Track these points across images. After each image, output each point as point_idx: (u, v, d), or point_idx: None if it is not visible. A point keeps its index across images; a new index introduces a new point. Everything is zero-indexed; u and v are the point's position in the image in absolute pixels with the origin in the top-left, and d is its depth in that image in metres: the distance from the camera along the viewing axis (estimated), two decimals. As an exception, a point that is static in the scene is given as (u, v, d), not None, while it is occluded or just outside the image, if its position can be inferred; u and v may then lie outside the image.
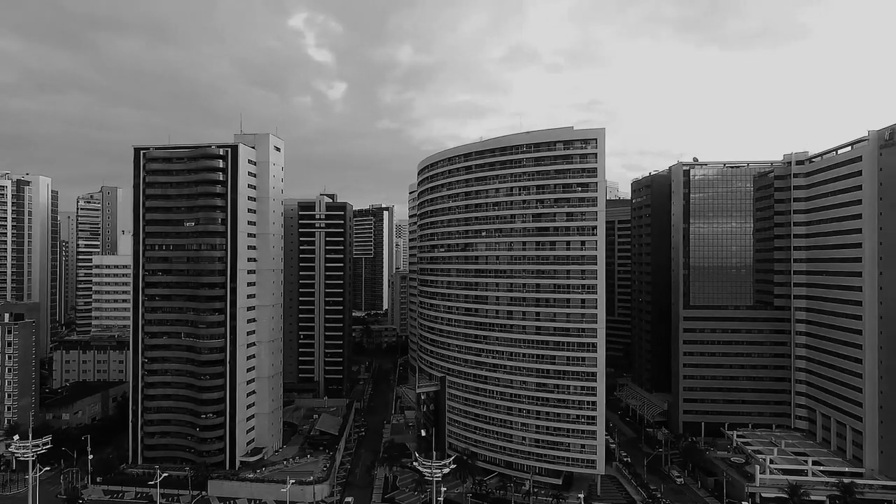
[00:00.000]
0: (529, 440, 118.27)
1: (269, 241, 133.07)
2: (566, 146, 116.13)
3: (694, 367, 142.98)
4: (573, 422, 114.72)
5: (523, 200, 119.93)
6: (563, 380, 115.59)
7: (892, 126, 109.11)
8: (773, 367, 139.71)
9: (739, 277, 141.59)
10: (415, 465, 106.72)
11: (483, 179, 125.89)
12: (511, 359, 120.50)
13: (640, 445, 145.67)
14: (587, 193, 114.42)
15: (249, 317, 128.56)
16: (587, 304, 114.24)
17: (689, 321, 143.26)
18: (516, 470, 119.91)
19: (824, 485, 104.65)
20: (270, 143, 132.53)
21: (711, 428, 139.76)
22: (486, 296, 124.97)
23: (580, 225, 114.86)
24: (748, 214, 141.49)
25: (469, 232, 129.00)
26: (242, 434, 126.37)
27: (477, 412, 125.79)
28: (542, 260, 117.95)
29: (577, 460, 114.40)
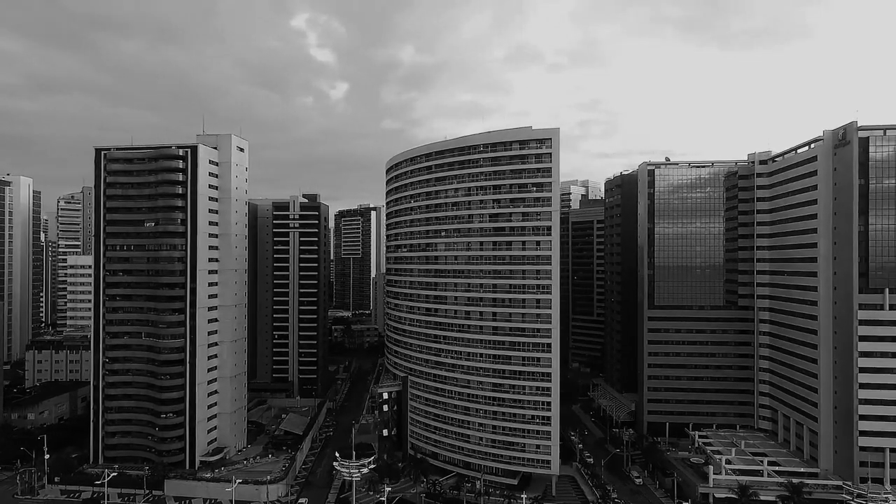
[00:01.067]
0: (486, 440, 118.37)
1: (232, 241, 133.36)
2: (521, 146, 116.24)
3: (658, 368, 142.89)
4: (528, 422, 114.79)
5: (480, 200, 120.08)
6: (519, 380, 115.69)
7: (845, 126, 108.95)
8: (737, 367, 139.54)
9: (704, 277, 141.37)
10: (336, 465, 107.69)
11: (443, 179, 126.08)
12: (468, 359, 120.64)
13: (606, 446, 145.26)
14: (542, 193, 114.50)
15: (211, 317, 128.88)
16: (542, 304, 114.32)
17: (654, 321, 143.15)
18: (474, 470, 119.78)
19: (776, 485, 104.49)
20: (233, 143, 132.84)
21: (677, 428, 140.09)
22: (445, 296, 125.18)
23: (535, 225, 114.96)
24: (713, 214, 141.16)
25: (429, 232, 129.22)
26: (203, 433, 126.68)
27: (437, 412, 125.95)
28: (498, 260, 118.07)
29: (532, 461, 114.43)
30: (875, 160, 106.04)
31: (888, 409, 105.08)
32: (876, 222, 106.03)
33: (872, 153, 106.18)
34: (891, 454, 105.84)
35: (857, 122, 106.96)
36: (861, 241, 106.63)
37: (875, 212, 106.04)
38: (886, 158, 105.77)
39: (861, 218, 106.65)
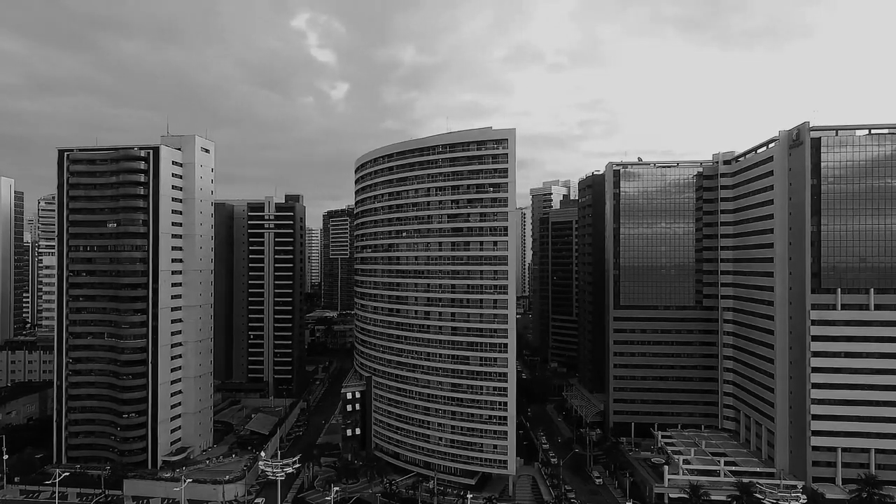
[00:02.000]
0: (445, 441, 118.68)
1: (196, 241, 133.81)
2: (479, 147, 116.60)
3: (624, 368, 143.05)
4: (485, 422, 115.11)
5: (439, 201, 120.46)
6: (476, 380, 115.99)
7: (799, 126, 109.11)
8: (702, 367, 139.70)
9: (669, 278, 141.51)
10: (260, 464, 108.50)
11: (404, 180, 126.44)
12: (428, 359, 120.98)
13: (573, 446, 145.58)
14: (499, 194, 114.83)
15: (174, 317, 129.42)
16: (498, 304, 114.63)
17: (619, 321, 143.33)
18: (434, 470, 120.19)
19: (729, 485, 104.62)
20: (197, 144, 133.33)
21: (643, 428, 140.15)
22: (406, 296, 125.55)
23: (492, 225, 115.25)
24: (678, 214, 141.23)
25: (392, 232, 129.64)
26: (166, 433, 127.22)
27: (398, 412, 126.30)
28: (456, 260, 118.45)
29: (489, 461, 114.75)
30: (827, 161, 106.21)
31: (840, 408, 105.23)
32: (828, 223, 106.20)
33: (825, 154, 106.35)
34: (843, 454, 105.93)
35: (809, 123, 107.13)
36: (814, 242, 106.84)
37: (828, 212, 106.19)
38: (838, 159, 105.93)
39: (814, 218, 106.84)
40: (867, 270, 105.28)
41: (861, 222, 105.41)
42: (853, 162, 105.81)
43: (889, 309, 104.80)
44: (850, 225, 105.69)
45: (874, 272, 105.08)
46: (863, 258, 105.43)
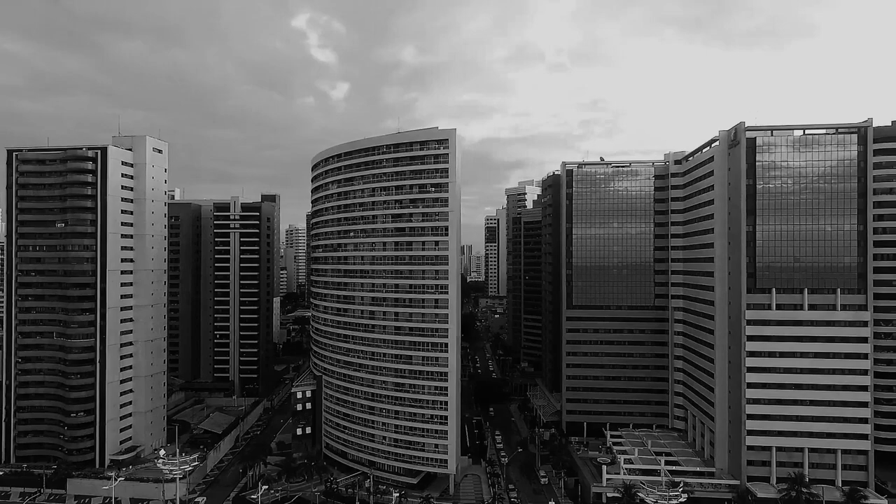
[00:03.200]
0: (389, 440, 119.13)
1: (148, 241, 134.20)
2: (422, 147, 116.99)
3: (577, 368, 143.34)
4: (427, 422, 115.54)
5: (384, 201, 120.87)
6: (418, 380, 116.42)
7: (736, 126, 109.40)
8: (654, 367, 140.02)
9: (622, 277, 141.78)
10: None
11: (351, 180, 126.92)
12: (373, 359, 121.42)
13: (529, 446, 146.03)
14: (440, 194, 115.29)
15: (124, 317, 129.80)
16: (440, 304, 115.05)
17: (572, 321, 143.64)
18: (379, 469, 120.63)
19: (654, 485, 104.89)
20: (148, 144, 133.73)
21: (596, 428, 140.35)
22: (353, 296, 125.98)
23: (434, 225, 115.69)
24: (631, 214, 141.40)
25: (341, 232, 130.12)
26: (115, 432, 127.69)
27: (345, 411, 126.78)
28: (399, 260, 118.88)
29: (430, 460, 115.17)
30: (762, 161, 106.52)
31: (774, 408, 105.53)
32: (763, 223, 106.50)
33: (760, 154, 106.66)
34: (778, 453, 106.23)
35: (745, 123, 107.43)
36: (749, 242, 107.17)
37: (762, 212, 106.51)
38: (773, 159, 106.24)
39: (749, 218, 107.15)
40: (801, 270, 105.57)
41: (795, 222, 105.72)
42: (787, 162, 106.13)
43: (823, 309, 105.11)
44: (784, 225, 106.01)
45: (808, 272, 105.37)
46: (797, 258, 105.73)
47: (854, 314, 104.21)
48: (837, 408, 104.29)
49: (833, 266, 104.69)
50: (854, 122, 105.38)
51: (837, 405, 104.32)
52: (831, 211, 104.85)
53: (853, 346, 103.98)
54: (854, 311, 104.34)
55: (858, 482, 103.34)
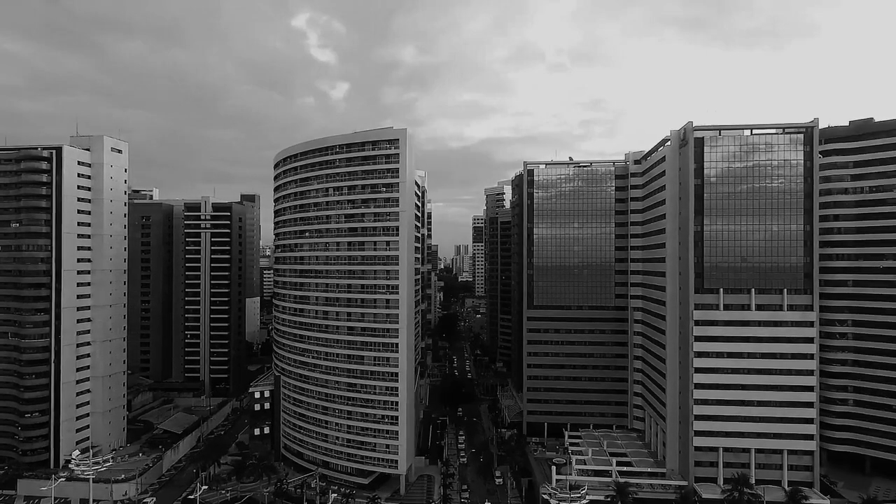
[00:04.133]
0: (342, 440, 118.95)
1: (106, 241, 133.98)
2: (373, 147, 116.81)
3: (538, 368, 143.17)
4: (378, 422, 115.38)
5: (337, 201, 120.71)
6: (370, 380, 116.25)
7: (685, 125, 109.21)
8: (614, 367, 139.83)
9: (582, 277, 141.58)
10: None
11: (307, 180, 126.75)
12: (326, 359, 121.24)
13: (490, 447, 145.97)
14: (391, 194, 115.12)
15: (81, 316, 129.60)
16: (391, 304, 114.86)
17: (533, 321, 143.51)
18: (332, 469, 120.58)
19: (604, 485, 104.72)
20: (105, 144, 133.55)
21: (558, 428, 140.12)
22: (308, 296, 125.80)
23: (385, 225, 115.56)
24: (591, 214, 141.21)
25: (297, 232, 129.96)
26: (71, 433, 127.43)
27: (301, 411, 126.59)
28: (352, 260, 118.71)
29: (381, 460, 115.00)
30: (710, 161, 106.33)
31: (722, 408, 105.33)
32: (711, 223, 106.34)
33: (707, 154, 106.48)
34: (725, 453, 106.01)
35: (692, 123, 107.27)
36: (697, 242, 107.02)
37: (710, 212, 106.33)
38: (720, 159, 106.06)
39: (697, 218, 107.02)
40: (748, 271, 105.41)
41: (742, 222, 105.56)
42: (735, 162, 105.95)
43: (770, 309, 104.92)
44: (731, 225, 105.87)
45: (755, 272, 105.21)
46: (744, 258, 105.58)
47: (800, 314, 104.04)
48: (784, 408, 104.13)
49: (780, 266, 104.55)
50: (801, 123, 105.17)
51: (784, 406, 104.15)
52: (778, 211, 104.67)
53: (799, 347, 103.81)
54: (801, 312, 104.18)
55: (804, 482, 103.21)
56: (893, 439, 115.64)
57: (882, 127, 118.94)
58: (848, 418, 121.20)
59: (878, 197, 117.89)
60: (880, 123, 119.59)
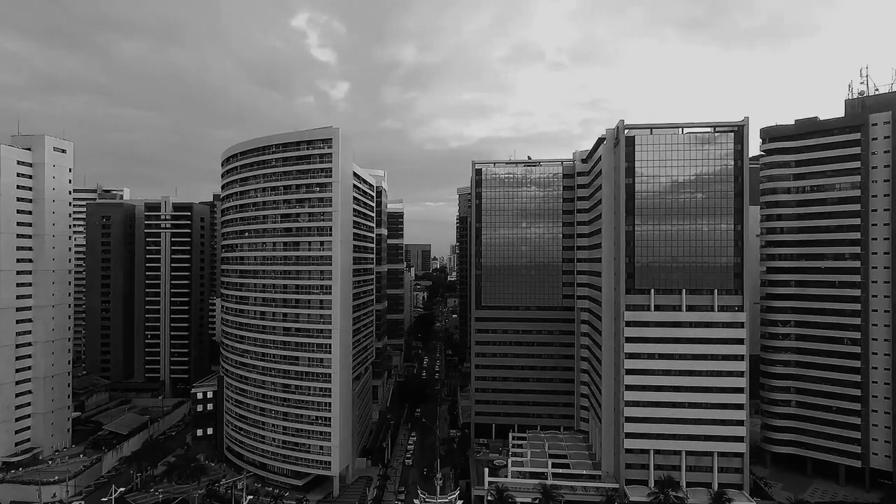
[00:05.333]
0: (278, 441, 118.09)
1: (48, 241, 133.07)
2: (308, 146, 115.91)
3: (486, 369, 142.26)
4: (311, 423, 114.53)
5: (273, 201, 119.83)
6: (304, 381, 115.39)
7: (618, 124, 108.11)
8: (562, 368, 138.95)
9: (530, 278, 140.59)
10: None
11: (246, 180, 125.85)
12: (263, 359, 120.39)
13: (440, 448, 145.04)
14: (325, 194, 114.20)
15: (21, 317, 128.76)
16: (324, 305, 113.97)
17: (481, 322, 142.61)
18: (268, 471, 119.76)
19: (531, 488, 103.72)
20: (47, 144, 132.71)
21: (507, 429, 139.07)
22: (248, 296, 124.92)
23: (319, 225, 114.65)
24: (539, 214, 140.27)
25: (237, 232, 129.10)
26: (9, 434, 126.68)
27: (240, 412, 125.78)
28: (287, 261, 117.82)
29: (315, 462, 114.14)
30: (640, 160, 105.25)
31: (652, 410, 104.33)
32: (642, 222, 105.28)
33: (638, 153, 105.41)
34: (656, 455, 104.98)
35: (624, 121, 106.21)
36: (629, 242, 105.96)
37: (641, 211, 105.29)
38: (652, 158, 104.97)
39: (628, 218, 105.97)
40: (679, 271, 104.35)
41: (673, 222, 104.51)
42: (666, 161, 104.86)
43: (700, 310, 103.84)
44: (662, 225, 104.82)
45: (686, 272, 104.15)
46: (675, 258, 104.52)
47: (731, 315, 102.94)
48: (714, 410, 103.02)
49: (710, 266, 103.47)
50: (732, 121, 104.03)
51: (715, 407, 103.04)
52: (708, 210, 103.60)
53: (730, 348, 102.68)
54: (731, 313, 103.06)
55: (734, 484, 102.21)
56: (832, 441, 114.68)
57: (824, 126, 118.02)
58: (791, 419, 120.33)
59: (818, 196, 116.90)
60: (823, 122, 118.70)
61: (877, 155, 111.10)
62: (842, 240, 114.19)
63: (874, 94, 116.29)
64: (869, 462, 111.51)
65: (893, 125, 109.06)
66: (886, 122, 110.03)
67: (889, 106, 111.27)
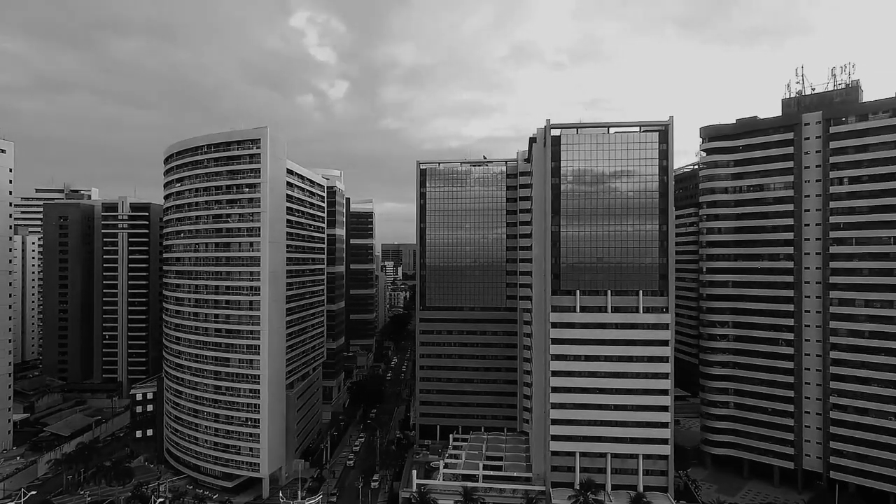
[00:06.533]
0: (210, 443, 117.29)
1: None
2: (238, 147, 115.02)
3: (430, 370, 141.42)
4: (242, 424, 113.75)
5: (205, 201, 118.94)
6: (234, 382, 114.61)
7: (545, 124, 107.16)
8: (505, 369, 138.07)
9: (474, 279, 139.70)
10: None
11: (181, 180, 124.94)
12: (196, 360, 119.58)
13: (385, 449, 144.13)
14: (253, 195, 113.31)
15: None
16: (253, 305, 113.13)
17: (425, 322, 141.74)
18: (202, 473, 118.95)
19: (453, 491, 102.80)
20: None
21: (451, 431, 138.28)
22: (184, 297, 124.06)
23: (248, 226, 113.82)
24: (483, 214, 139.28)
25: (175, 233, 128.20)
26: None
27: (176, 414, 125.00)
28: (218, 262, 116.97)
29: (244, 463, 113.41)
30: (566, 159, 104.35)
31: (578, 412, 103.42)
32: (567, 223, 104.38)
33: (564, 153, 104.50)
34: (582, 458, 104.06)
35: (550, 120, 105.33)
36: (554, 242, 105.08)
37: (566, 212, 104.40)
38: (577, 158, 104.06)
39: (554, 218, 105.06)
40: (605, 272, 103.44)
41: (598, 222, 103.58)
42: (592, 161, 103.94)
43: (626, 311, 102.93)
44: (588, 225, 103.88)
45: (611, 273, 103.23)
46: (601, 259, 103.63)
47: (656, 316, 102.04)
48: (640, 412, 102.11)
49: (635, 267, 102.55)
50: (658, 121, 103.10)
51: (640, 410, 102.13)
52: (633, 211, 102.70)
53: (655, 350, 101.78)
54: (656, 314, 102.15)
55: (659, 487, 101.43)
56: (767, 442, 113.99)
57: (760, 125, 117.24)
58: (729, 421, 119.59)
59: (754, 197, 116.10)
60: (759, 121, 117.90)
61: (809, 155, 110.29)
62: (776, 240, 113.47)
63: (809, 93, 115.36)
64: (801, 463, 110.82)
65: (824, 125, 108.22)
66: (818, 122, 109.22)
67: (821, 106, 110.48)
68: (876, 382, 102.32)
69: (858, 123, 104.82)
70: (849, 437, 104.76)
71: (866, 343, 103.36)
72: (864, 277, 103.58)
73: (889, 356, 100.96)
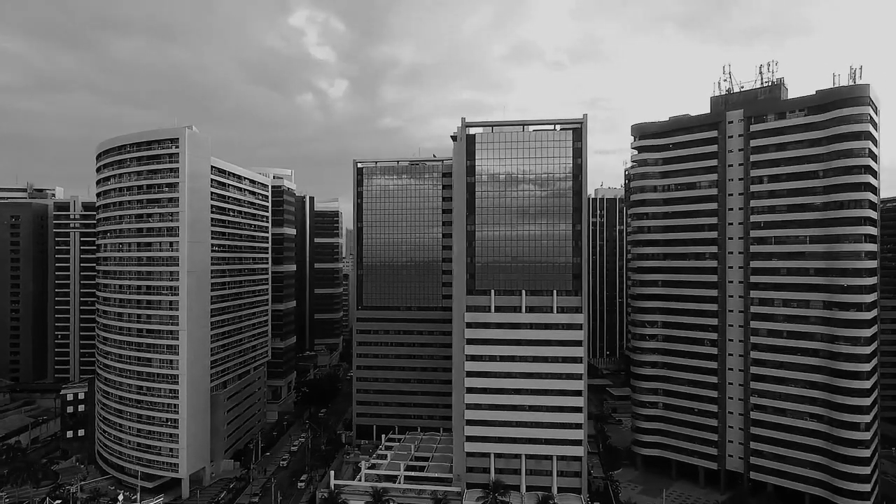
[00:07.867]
0: (132, 443, 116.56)
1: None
2: (158, 146, 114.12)
3: (367, 370, 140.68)
4: (161, 424, 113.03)
5: (129, 201, 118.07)
6: (155, 382, 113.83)
7: (461, 123, 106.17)
8: (442, 369, 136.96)
9: (410, 278, 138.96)
10: None
11: (107, 179, 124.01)
12: (120, 360, 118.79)
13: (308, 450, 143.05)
14: (173, 194, 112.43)
15: None
16: (173, 305, 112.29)
17: (362, 322, 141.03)
18: (125, 473, 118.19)
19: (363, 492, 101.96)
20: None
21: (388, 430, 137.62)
22: (109, 297, 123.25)
23: (168, 226, 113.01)
24: (420, 214, 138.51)
25: (102, 232, 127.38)
26: None
27: (104, 414, 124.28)
28: (140, 262, 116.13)
29: (164, 464, 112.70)
30: (481, 158, 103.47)
31: (492, 413, 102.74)
32: (482, 222, 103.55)
33: (479, 151, 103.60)
34: (497, 459, 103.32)
35: (465, 119, 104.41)
36: (470, 241, 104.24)
37: (481, 210, 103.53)
38: (492, 156, 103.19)
39: (469, 217, 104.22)
40: (519, 271, 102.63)
41: (513, 221, 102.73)
42: (506, 159, 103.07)
43: (540, 311, 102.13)
44: (502, 224, 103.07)
45: (526, 273, 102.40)
46: (515, 258, 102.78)
47: (569, 317, 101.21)
48: (554, 413, 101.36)
49: (549, 267, 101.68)
50: (572, 118, 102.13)
51: (554, 410, 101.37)
52: (547, 210, 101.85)
53: (569, 350, 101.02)
54: (570, 314, 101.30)
55: (573, 488, 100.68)
56: (693, 443, 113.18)
57: (687, 123, 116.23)
58: (658, 422, 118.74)
59: (681, 195, 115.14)
60: (687, 119, 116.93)
61: (732, 153, 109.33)
62: (702, 239, 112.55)
63: (738, 91, 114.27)
64: (725, 464, 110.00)
65: (746, 123, 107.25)
66: (741, 120, 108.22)
67: (745, 104, 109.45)
68: (793, 382, 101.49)
69: (777, 121, 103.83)
70: (767, 437, 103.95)
71: (784, 343, 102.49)
72: (783, 277, 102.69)
73: (806, 356, 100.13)
